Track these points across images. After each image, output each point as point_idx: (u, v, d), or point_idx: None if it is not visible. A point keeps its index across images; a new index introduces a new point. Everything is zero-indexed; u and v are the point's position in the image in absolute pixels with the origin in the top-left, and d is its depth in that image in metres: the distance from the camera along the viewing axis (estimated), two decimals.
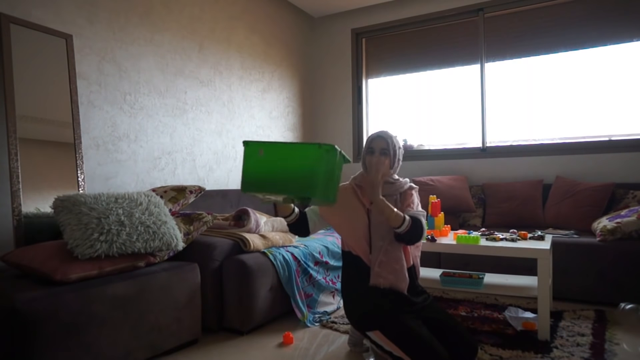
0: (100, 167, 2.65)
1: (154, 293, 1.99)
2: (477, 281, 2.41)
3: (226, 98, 3.63)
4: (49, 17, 2.39)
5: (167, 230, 2.10)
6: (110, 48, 2.72)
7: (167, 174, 3.09)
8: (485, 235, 2.56)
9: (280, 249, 2.60)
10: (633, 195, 3.18)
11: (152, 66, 2.99)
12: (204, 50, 3.42)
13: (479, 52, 4.05)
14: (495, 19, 4.00)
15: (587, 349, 2.08)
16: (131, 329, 1.89)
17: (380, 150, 1.96)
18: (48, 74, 2.35)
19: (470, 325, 2.40)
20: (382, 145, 1.96)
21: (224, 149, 3.61)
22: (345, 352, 2.11)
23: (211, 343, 2.24)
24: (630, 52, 3.52)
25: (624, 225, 2.76)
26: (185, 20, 3.26)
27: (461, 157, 4.08)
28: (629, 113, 3.52)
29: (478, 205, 3.74)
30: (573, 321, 2.45)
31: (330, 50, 4.78)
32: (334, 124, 4.75)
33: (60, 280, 1.73)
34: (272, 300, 2.45)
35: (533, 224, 3.42)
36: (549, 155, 3.73)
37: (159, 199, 2.22)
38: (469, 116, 4.11)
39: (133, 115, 2.86)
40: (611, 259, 2.72)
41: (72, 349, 1.68)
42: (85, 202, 1.92)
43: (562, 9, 3.74)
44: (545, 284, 2.17)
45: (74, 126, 2.43)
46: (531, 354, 2.02)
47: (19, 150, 2.14)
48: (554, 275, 2.78)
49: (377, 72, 4.63)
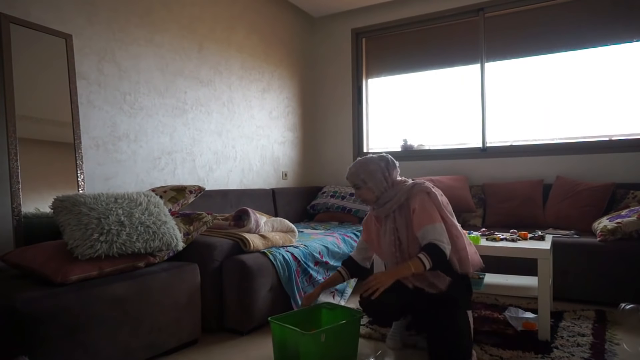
0: (100, 167, 2.65)
1: (154, 293, 1.99)
2: (477, 281, 2.41)
3: (226, 98, 3.63)
4: (48, 17, 2.39)
5: (167, 231, 2.10)
6: (110, 48, 2.72)
7: (167, 174, 3.09)
8: (486, 236, 2.56)
9: (280, 249, 2.59)
10: (633, 196, 3.18)
11: (152, 66, 2.99)
12: (203, 51, 3.41)
13: (479, 52, 4.05)
14: (495, 19, 4.00)
15: (587, 349, 2.07)
16: (131, 329, 1.88)
17: (354, 186, 2.05)
18: (48, 74, 2.35)
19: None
20: (353, 183, 2.05)
21: (224, 149, 3.61)
22: None
23: (211, 343, 2.24)
24: (630, 52, 3.52)
25: (624, 225, 2.76)
26: (185, 20, 3.25)
27: (461, 157, 4.08)
28: (629, 113, 3.52)
29: (478, 205, 3.74)
30: (573, 321, 2.45)
31: (330, 50, 4.78)
32: (334, 124, 4.75)
33: (61, 281, 1.73)
34: (272, 300, 2.45)
35: (533, 224, 3.42)
36: (549, 155, 3.73)
37: (158, 199, 2.22)
38: (469, 116, 4.11)
39: (133, 115, 2.86)
40: (611, 259, 2.71)
41: (72, 349, 1.67)
42: (85, 203, 1.91)
43: (562, 9, 3.74)
44: (545, 284, 2.17)
45: (74, 126, 2.43)
46: (531, 354, 2.02)
47: (18, 150, 2.14)
48: (554, 276, 2.77)
49: (377, 72, 4.62)
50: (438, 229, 1.87)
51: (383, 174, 2.01)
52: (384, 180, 2.01)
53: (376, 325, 2.35)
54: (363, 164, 2.03)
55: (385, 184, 2.01)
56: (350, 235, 3.24)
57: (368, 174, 2.00)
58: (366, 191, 2.02)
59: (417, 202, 1.94)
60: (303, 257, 2.65)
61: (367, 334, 2.30)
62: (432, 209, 1.93)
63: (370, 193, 2.02)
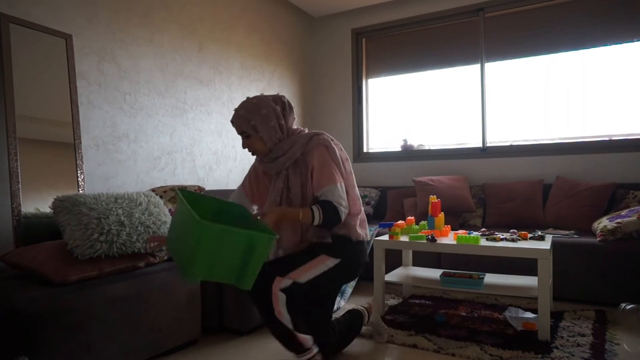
0: (100, 167, 2.65)
1: (154, 293, 1.99)
2: (477, 281, 2.41)
3: (226, 98, 3.63)
4: (48, 16, 2.39)
5: (167, 230, 2.10)
6: (110, 48, 2.72)
7: (167, 174, 3.09)
8: (486, 236, 2.56)
9: None
10: (633, 196, 3.18)
11: (152, 66, 2.99)
12: (203, 50, 3.41)
13: (479, 52, 4.04)
14: (495, 19, 4.00)
15: (587, 349, 2.07)
16: (131, 329, 1.88)
17: (241, 134, 1.74)
18: (48, 74, 2.35)
19: (471, 326, 2.39)
20: (240, 129, 1.73)
21: (224, 149, 3.60)
22: (344, 352, 2.10)
23: (211, 343, 2.24)
24: (630, 52, 3.51)
25: (624, 225, 2.76)
26: (185, 20, 3.25)
27: (461, 157, 4.08)
28: (629, 113, 3.52)
29: (478, 205, 3.74)
30: (573, 321, 2.45)
31: (330, 50, 4.77)
32: (334, 124, 4.75)
33: (60, 281, 1.73)
34: None
35: (533, 224, 3.42)
36: (549, 155, 3.73)
37: (158, 199, 2.22)
38: (469, 116, 4.11)
39: (133, 115, 2.86)
40: (611, 259, 2.71)
41: (72, 349, 1.67)
42: (85, 203, 1.91)
43: (562, 9, 3.74)
44: (545, 284, 2.17)
45: (74, 126, 2.43)
46: (531, 354, 2.02)
47: (18, 150, 2.14)
48: (554, 276, 2.77)
49: (377, 72, 4.62)
50: (339, 190, 1.67)
51: (278, 121, 1.70)
52: (278, 128, 1.70)
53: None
54: (255, 106, 1.69)
55: (279, 133, 1.71)
56: None
57: (260, 120, 1.68)
58: (256, 141, 1.71)
59: (315, 159, 1.70)
60: None
61: (367, 334, 2.29)
62: (332, 166, 1.70)
63: (261, 144, 1.71)
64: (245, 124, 1.70)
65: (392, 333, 2.30)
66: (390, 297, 2.97)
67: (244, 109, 1.71)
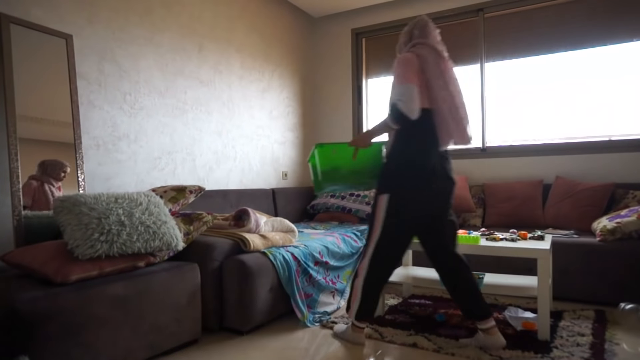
0: (101, 167, 2.65)
1: (154, 293, 1.99)
2: (477, 281, 2.41)
3: (226, 98, 3.63)
4: (48, 17, 2.39)
5: (167, 230, 2.10)
6: (110, 48, 2.72)
7: (167, 174, 3.09)
8: (485, 235, 2.56)
9: (280, 249, 2.60)
10: (633, 196, 3.18)
11: (152, 66, 2.99)
12: (203, 50, 3.42)
13: (479, 52, 4.05)
14: (495, 19, 4.00)
15: (587, 349, 2.08)
16: (131, 329, 1.89)
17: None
18: (48, 74, 2.35)
19: (471, 325, 2.40)
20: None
21: (224, 149, 3.61)
22: (344, 352, 2.11)
23: (211, 343, 2.24)
24: (630, 52, 3.52)
25: (624, 225, 2.77)
26: (185, 20, 3.25)
27: (461, 157, 4.08)
28: (629, 113, 3.53)
29: (478, 205, 3.74)
30: (573, 321, 2.45)
31: (330, 50, 4.78)
32: (334, 124, 4.75)
33: (61, 281, 1.73)
34: (272, 300, 2.45)
35: (533, 224, 3.42)
36: (549, 155, 3.73)
37: (159, 199, 2.22)
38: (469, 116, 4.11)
39: (133, 115, 2.86)
40: (611, 259, 2.72)
41: (72, 349, 1.68)
42: (86, 203, 1.92)
43: (562, 9, 3.74)
44: (545, 284, 2.17)
45: (74, 126, 2.43)
46: (531, 353, 2.02)
47: (19, 150, 2.14)
48: (554, 275, 2.78)
49: (377, 72, 4.63)
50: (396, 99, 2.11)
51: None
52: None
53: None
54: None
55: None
56: (350, 235, 3.24)
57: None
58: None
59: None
60: (303, 257, 2.65)
61: (367, 334, 2.30)
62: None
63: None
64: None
65: (392, 333, 2.30)
66: (390, 296, 2.98)
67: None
